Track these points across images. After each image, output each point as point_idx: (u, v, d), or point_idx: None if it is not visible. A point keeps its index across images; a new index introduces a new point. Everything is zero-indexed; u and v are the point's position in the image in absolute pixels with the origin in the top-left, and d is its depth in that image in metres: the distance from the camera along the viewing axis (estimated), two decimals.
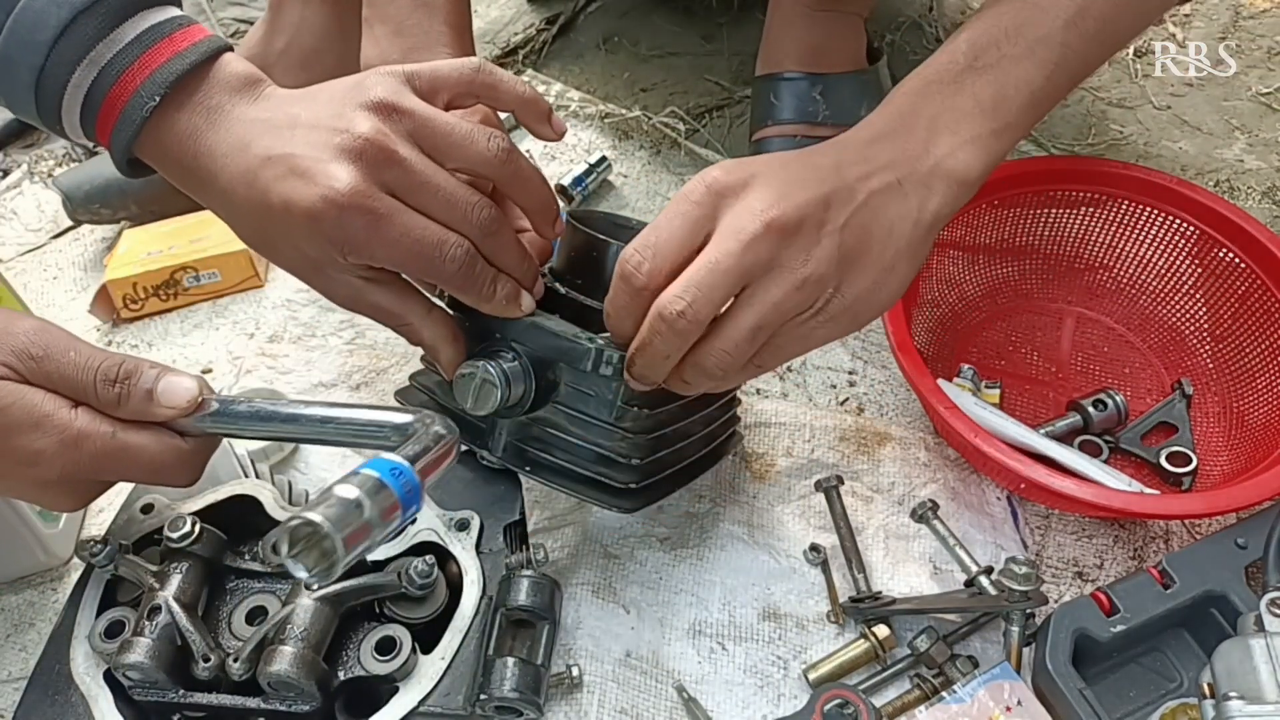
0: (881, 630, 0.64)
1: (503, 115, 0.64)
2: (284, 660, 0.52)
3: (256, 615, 0.58)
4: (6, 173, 1.08)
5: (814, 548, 0.70)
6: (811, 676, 0.64)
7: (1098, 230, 0.82)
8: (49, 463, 0.50)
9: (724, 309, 0.52)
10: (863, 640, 0.64)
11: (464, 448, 0.67)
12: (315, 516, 0.41)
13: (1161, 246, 0.80)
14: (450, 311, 0.60)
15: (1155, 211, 0.79)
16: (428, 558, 0.57)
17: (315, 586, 0.44)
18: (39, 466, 0.50)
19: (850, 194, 0.52)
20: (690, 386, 0.55)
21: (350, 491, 0.43)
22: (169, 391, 0.52)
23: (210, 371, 0.85)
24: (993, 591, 0.64)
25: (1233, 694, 0.54)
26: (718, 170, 0.51)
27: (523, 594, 0.59)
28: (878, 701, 0.62)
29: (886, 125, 0.55)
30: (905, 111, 0.56)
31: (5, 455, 0.49)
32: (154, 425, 0.53)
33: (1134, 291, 0.83)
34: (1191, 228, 0.78)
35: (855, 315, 0.53)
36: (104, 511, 0.76)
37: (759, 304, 0.50)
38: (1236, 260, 0.76)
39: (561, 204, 0.98)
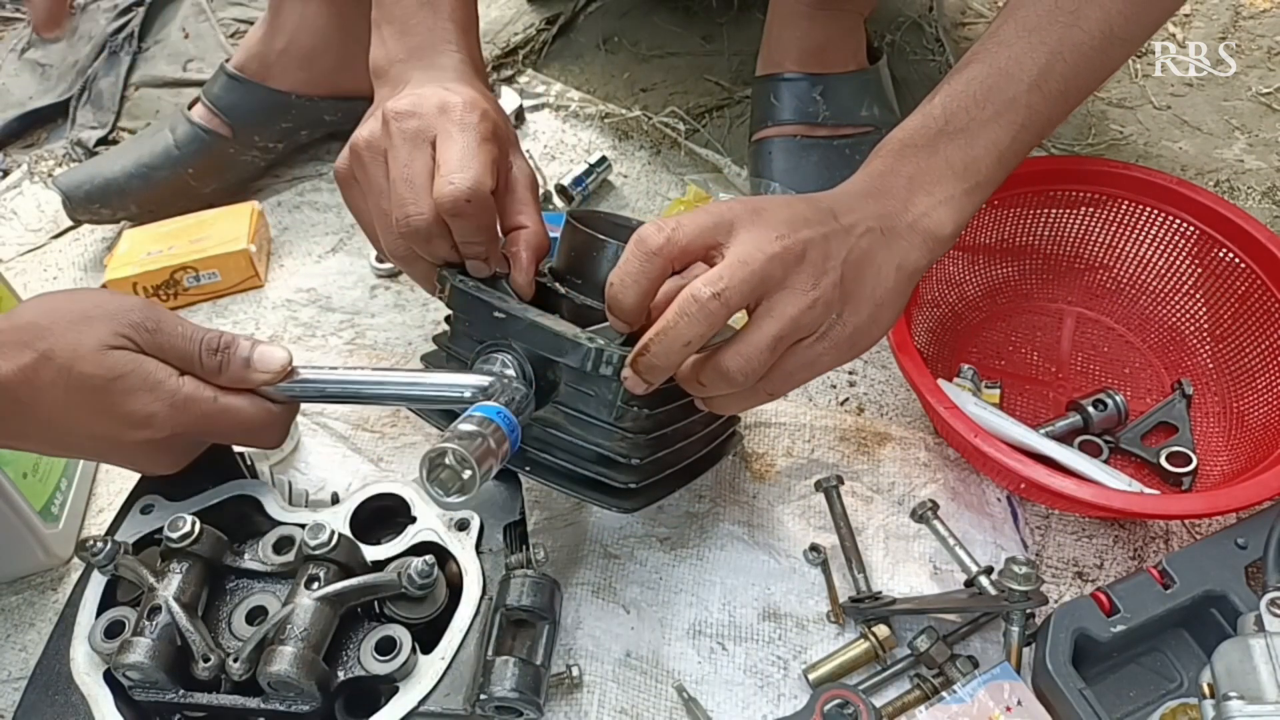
0: (881, 630, 0.64)
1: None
2: (284, 660, 0.52)
3: (256, 615, 0.58)
4: (6, 173, 1.09)
5: (814, 548, 0.70)
6: (811, 677, 0.64)
7: (1098, 230, 0.82)
8: (160, 424, 0.55)
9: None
10: (863, 640, 0.64)
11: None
12: (450, 445, 0.50)
13: (1161, 246, 0.80)
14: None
15: (1155, 211, 0.79)
16: (428, 558, 0.57)
17: (456, 504, 0.51)
18: (150, 428, 0.55)
19: (846, 235, 0.56)
20: (704, 389, 0.56)
21: (471, 426, 0.52)
22: (264, 359, 0.58)
23: None
24: (993, 591, 0.64)
25: (1233, 694, 0.54)
26: (733, 203, 0.55)
27: (523, 594, 0.59)
28: (878, 701, 0.62)
29: (870, 184, 0.59)
30: (885, 172, 0.60)
31: (122, 418, 0.55)
32: (248, 391, 0.59)
33: (1134, 291, 0.83)
34: (1191, 228, 0.78)
35: (853, 344, 0.57)
36: (104, 512, 0.76)
37: (778, 316, 0.53)
38: (1236, 260, 0.76)
39: (561, 204, 0.99)
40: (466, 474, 0.50)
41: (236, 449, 0.67)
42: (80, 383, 0.53)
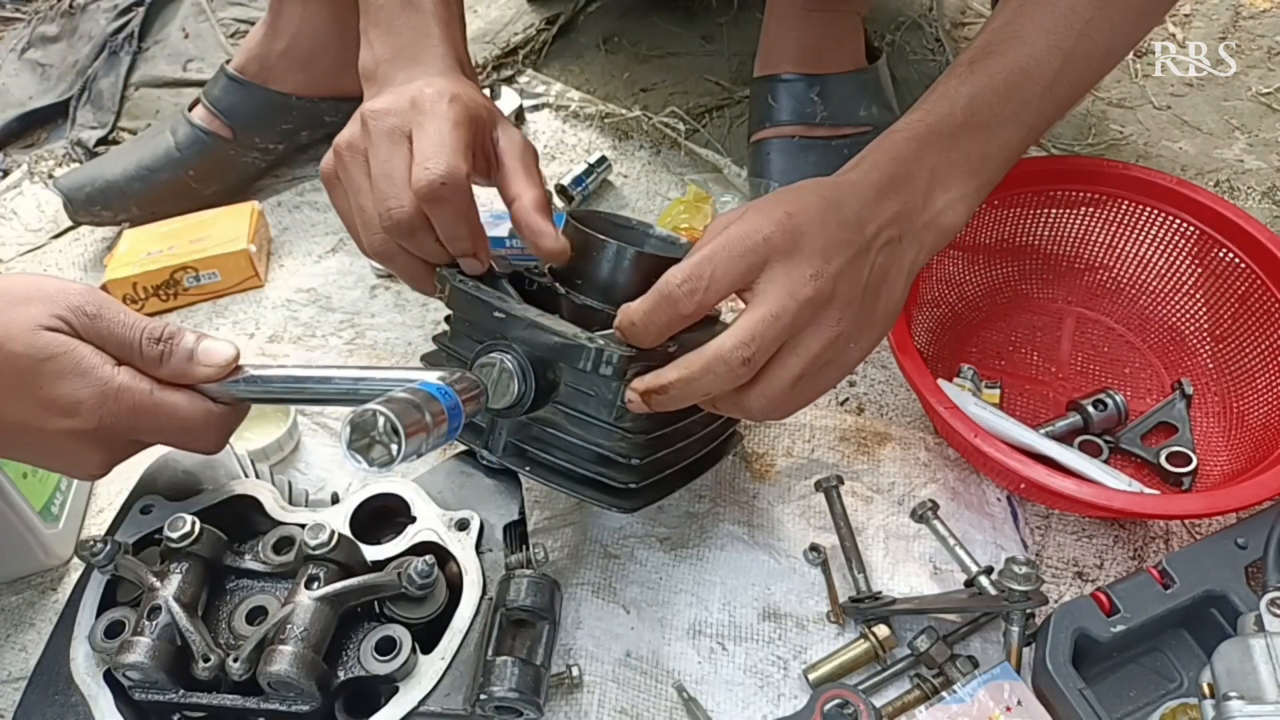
0: (881, 630, 0.64)
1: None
2: (284, 660, 0.52)
3: (256, 615, 0.58)
4: (6, 173, 1.09)
5: (814, 548, 0.70)
6: (811, 677, 0.64)
7: (1098, 230, 0.82)
8: (87, 413, 0.53)
9: None
10: (863, 640, 0.64)
11: (464, 447, 0.67)
12: (379, 408, 0.45)
13: (1161, 246, 0.80)
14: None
15: (1155, 211, 0.79)
16: (428, 558, 0.57)
17: (372, 472, 0.48)
18: (76, 417, 0.53)
19: (868, 255, 0.56)
20: (718, 411, 0.58)
21: (409, 397, 0.48)
22: (208, 353, 0.56)
23: None
24: (993, 591, 0.64)
25: (1233, 694, 0.54)
26: (769, 226, 0.53)
27: (523, 594, 0.59)
28: (878, 701, 0.62)
29: (894, 174, 0.58)
30: (909, 159, 0.59)
31: (47, 405, 0.52)
32: (189, 388, 0.56)
33: (1134, 291, 0.83)
34: (1191, 228, 0.78)
35: (859, 359, 0.58)
36: (104, 512, 0.76)
37: (803, 355, 0.54)
38: (1236, 260, 0.76)
39: (561, 204, 0.99)
40: (393, 446, 0.47)
41: (236, 450, 0.67)
42: (7, 363, 0.51)
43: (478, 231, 0.61)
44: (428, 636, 0.58)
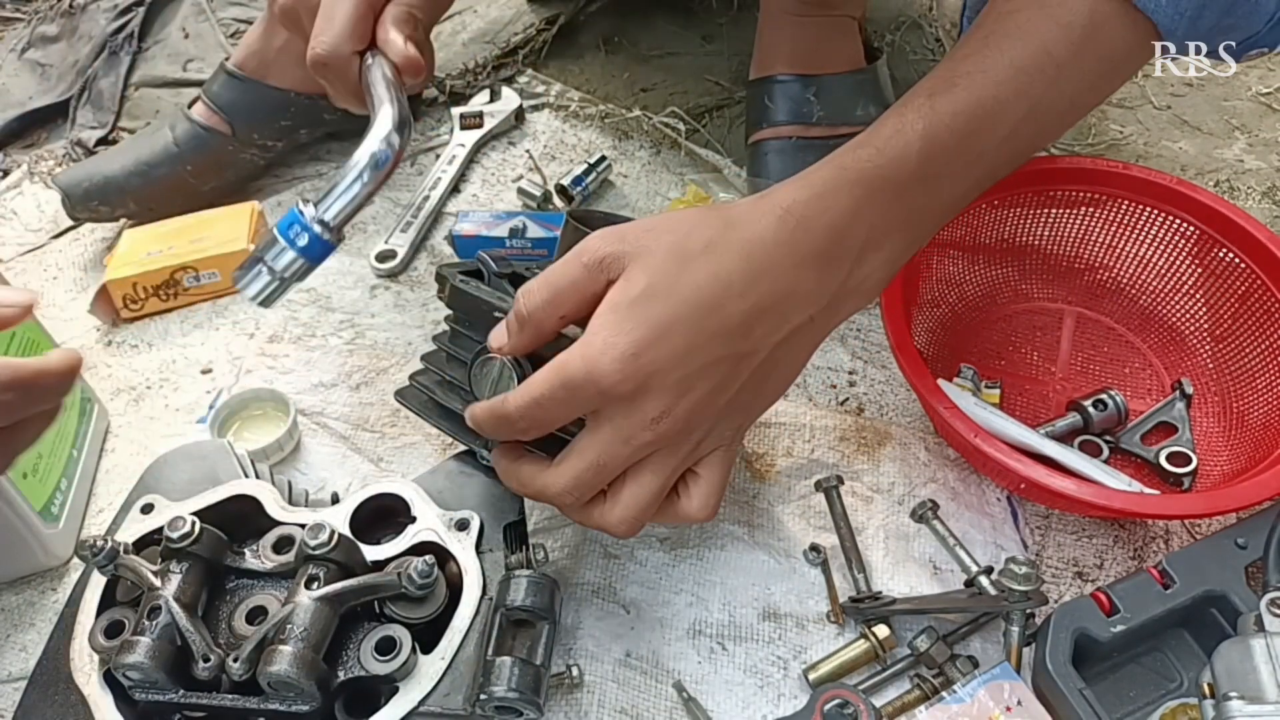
0: (881, 630, 0.64)
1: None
2: (284, 660, 0.52)
3: (256, 615, 0.58)
4: (6, 173, 1.08)
5: (814, 548, 0.70)
6: (811, 677, 0.64)
7: (1098, 230, 0.82)
8: None
9: None
10: (863, 640, 0.64)
11: (464, 447, 0.67)
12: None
13: (1161, 246, 0.80)
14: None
15: (1155, 211, 0.79)
16: (428, 558, 0.57)
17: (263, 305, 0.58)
18: None
19: (750, 359, 0.51)
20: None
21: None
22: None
23: (210, 371, 0.85)
24: (993, 591, 0.64)
25: (1233, 694, 0.54)
26: (614, 372, 0.48)
27: (523, 594, 0.59)
28: (878, 701, 0.62)
29: (825, 242, 0.51)
30: (849, 217, 0.51)
31: None
32: None
33: (1134, 291, 0.83)
34: (1191, 228, 0.78)
35: (743, 432, 0.56)
36: (104, 512, 0.76)
37: (658, 474, 0.52)
38: (1236, 260, 0.76)
39: (561, 204, 0.99)
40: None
41: (236, 450, 0.67)
42: None
43: (353, 88, 0.64)
44: (428, 636, 0.58)
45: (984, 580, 0.65)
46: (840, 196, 0.51)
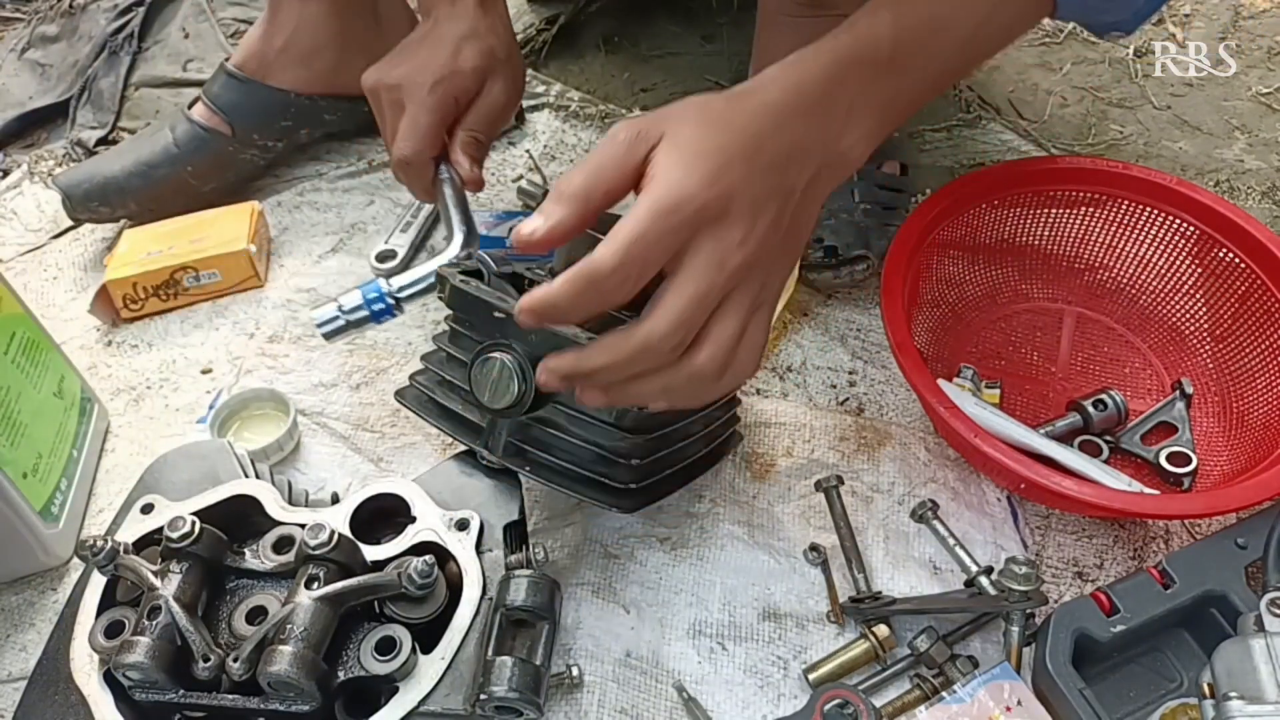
0: (881, 630, 0.64)
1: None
2: (284, 660, 0.52)
3: (256, 615, 0.58)
4: (6, 173, 1.08)
5: (814, 548, 0.70)
6: (811, 677, 0.64)
7: (1098, 230, 0.82)
8: None
9: None
10: (863, 640, 0.64)
11: (463, 447, 0.67)
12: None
13: (1161, 246, 0.80)
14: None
15: (1155, 211, 0.79)
16: (428, 558, 0.57)
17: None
18: None
19: (792, 201, 0.54)
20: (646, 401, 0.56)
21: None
22: None
23: (210, 371, 0.85)
24: (993, 591, 0.64)
25: (1233, 694, 0.54)
26: (701, 193, 0.50)
27: (522, 594, 0.59)
28: (878, 701, 0.62)
29: (814, 100, 0.56)
30: (830, 86, 0.56)
31: None
32: None
33: (1134, 291, 0.83)
34: (1191, 228, 0.78)
35: (778, 295, 0.58)
36: (104, 512, 0.76)
37: (738, 316, 0.53)
38: (1236, 260, 0.76)
39: None
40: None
41: (236, 450, 0.67)
42: None
43: (429, 184, 0.76)
44: (428, 636, 0.58)
45: (984, 580, 0.65)
46: (826, 67, 0.57)
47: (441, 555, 0.61)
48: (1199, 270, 0.79)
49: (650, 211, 0.49)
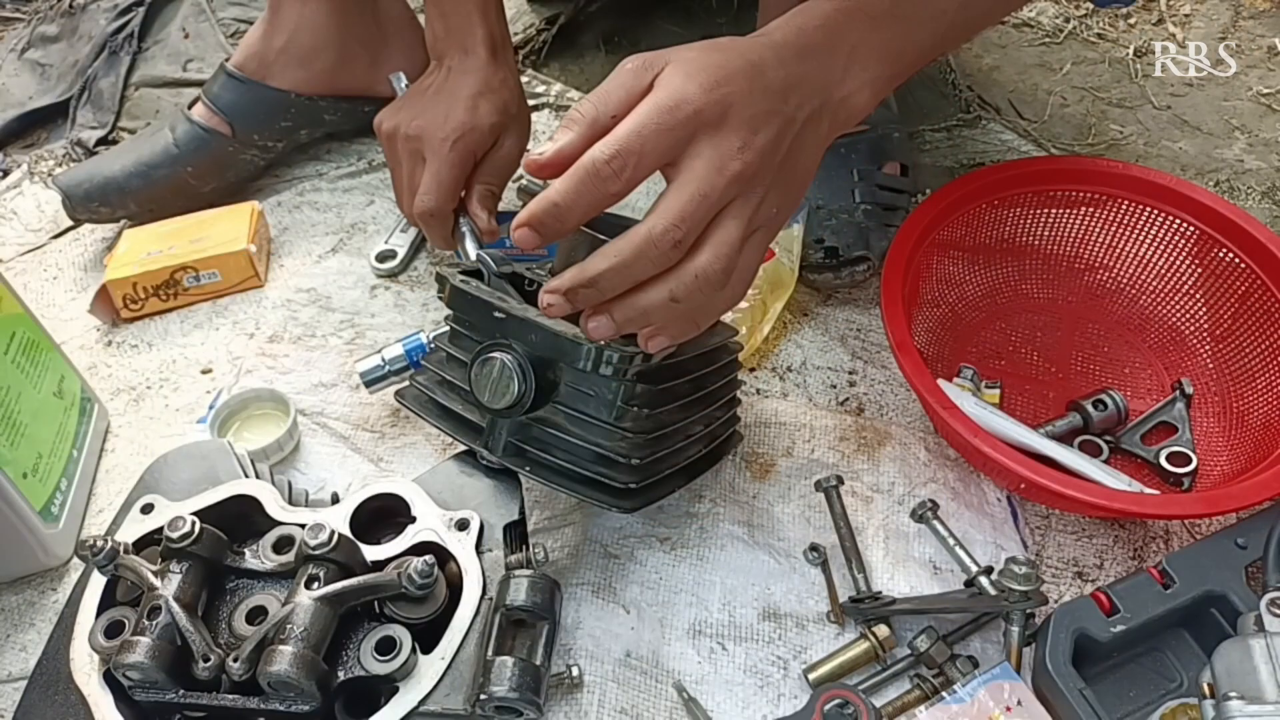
0: (881, 630, 0.64)
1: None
2: (284, 660, 0.52)
3: (256, 615, 0.58)
4: (6, 173, 1.08)
5: (814, 548, 0.70)
6: (811, 677, 0.64)
7: (1098, 230, 0.82)
8: None
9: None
10: (863, 640, 0.64)
11: (463, 447, 0.67)
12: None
13: (1161, 246, 0.80)
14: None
15: (1155, 211, 0.79)
16: (428, 558, 0.57)
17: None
18: None
19: (791, 126, 0.55)
20: (648, 321, 0.56)
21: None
22: None
23: (210, 371, 0.85)
24: (993, 591, 0.64)
25: (1233, 694, 0.54)
26: (699, 97, 0.51)
27: (522, 594, 0.59)
28: (878, 701, 0.62)
29: (817, 40, 0.57)
30: (833, 29, 0.58)
31: None
32: None
33: (1134, 291, 0.83)
34: (1191, 228, 0.78)
35: (780, 226, 0.59)
36: (104, 512, 0.76)
37: (736, 226, 0.53)
38: (1236, 260, 0.76)
39: None
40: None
41: (236, 449, 0.67)
42: None
43: (448, 235, 0.80)
44: (428, 636, 0.58)
45: (984, 580, 0.65)
46: (825, 16, 0.58)
47: (441, 555, 0.61)
48: (1199, 270, 0.79)
49: (649, 107, 0.51)
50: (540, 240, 0.53)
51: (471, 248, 0.78)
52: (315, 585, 0.56)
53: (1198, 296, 0.80)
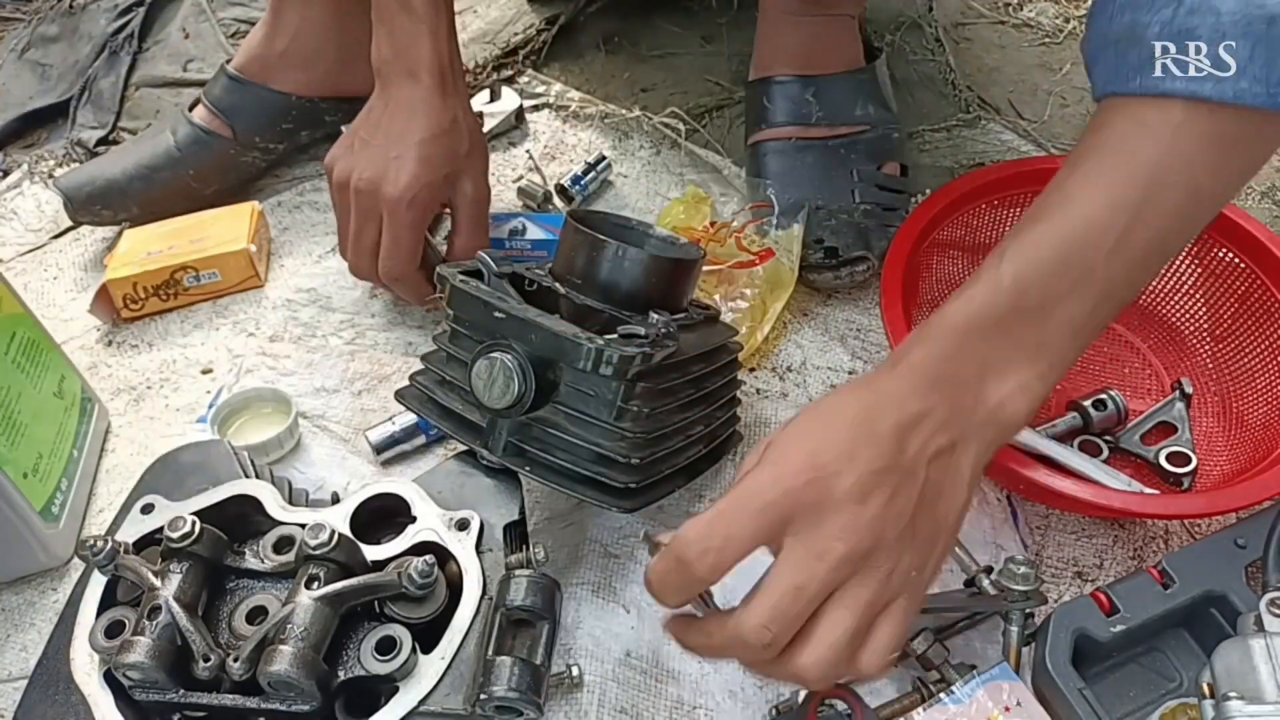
0: None
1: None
2: (284, 660, 0.52)
3: (256, 615, 0.58)
4: (7, 173, 1.08)
5: None
6: None
7: None
8: None
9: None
10: None
11: (464, 447, 0.67)
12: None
13: None
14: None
15: None
16: (428, 558, 0.57)
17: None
18: None
19: (915, 479, 0.50)
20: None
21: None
22: None
23: (210, 371, 0.85)
24: (992, 591, 0.64)
25: (1233, 694, 0.54)
26: (791, 476, 0.48)
27: (522, 594, 0.59)
28: (875, 701, 0.62)
29: (938, 370, 0.52)
30: (952, 355, 0.52)
31: None
32: None
33: None
34: None
35: (930, 583, 0.53)
36: (104, 512, 0.76)
37: (852, 609, 0.48)
38: (1236, 260, 0.76)
39: (561, 204, 0.99)
40: None
41: (236, 448, 0.67)
42: None
43: (424, 291, 0.82)
44: (428, 636, 0.58)
45: (984, 580, 0.65)
46: (940, 343, 0.53)
47: (441, 555, 0.61)
48: (1199, 270, 0.79)
49: (738, 491, 0.49)
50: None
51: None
52: (315, 585, 0.56)
53: (1197, 296, 0.80)
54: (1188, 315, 0.80)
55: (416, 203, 0.76)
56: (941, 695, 0.60)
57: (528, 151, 1.04)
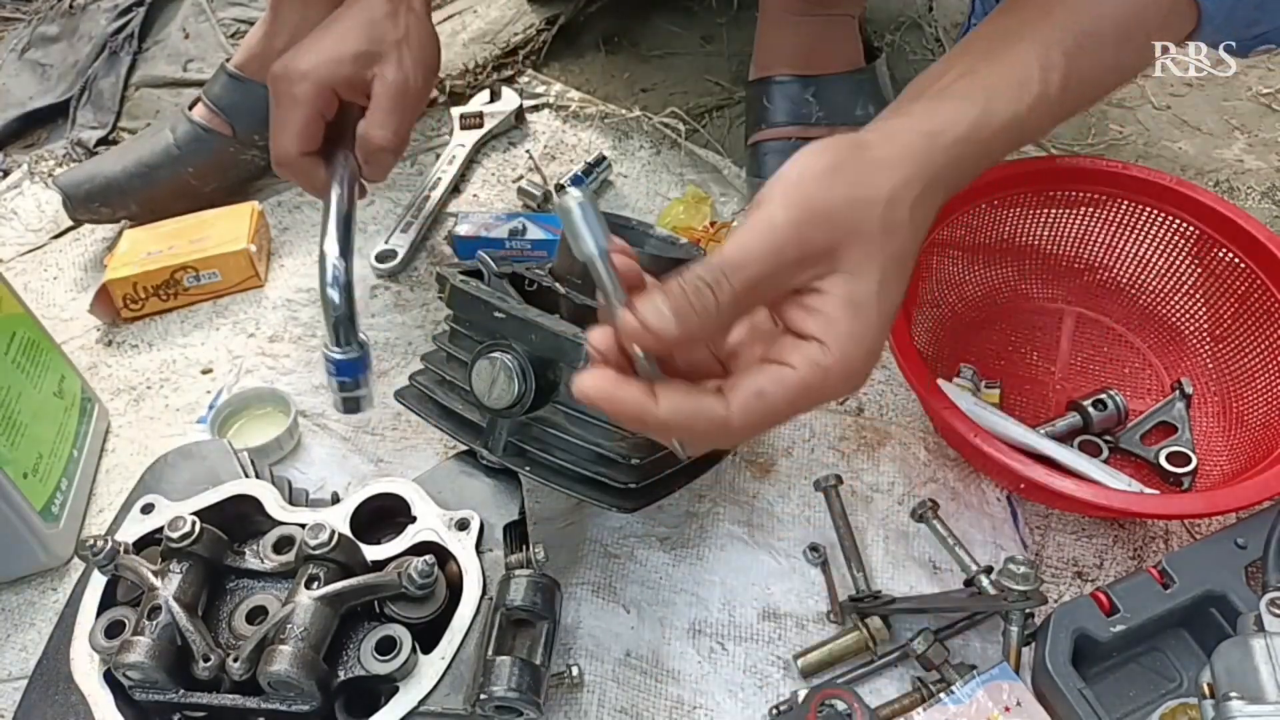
0: (874, 622, 0.64)
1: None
2: (284, 660, 0.52)
3: (256, 615, 0.58)
4: (7, 173, 1.08)
5: (814, 548, 0.70)
6: (801, 663, 0.64)
7: (1098, 230, 0.82)
8: None
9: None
10: (855, 630, 0.64)
11: (464, 447, 0.67)
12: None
13: (1161, 246, 0.80)
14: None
15: (1155, 211, 0.79)
16: (428, 558, 0.57)
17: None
18: None
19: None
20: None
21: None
22: None
23: (210, 371, 0.85)
24: (992, 591, 0.64)
25: (1233, 694, 0.54)
26: (863, 348, 0.47)
27: (522, 594, 0.59)
28: (875, 701, 0.62)
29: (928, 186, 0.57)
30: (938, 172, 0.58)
31: None
32: None
33: (1134, 291, 0.83)
34: (1191, 228, 0.78)
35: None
36: (104, 512, 0.76)
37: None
38: (1236, 260, 0.76)
39: None
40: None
41: (237, 451, 0.67)
42: None
43: (316, 180, 0.73)
44: (428, 636, 0.58)
45: (984, 580, 0.65)
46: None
47: (441, 555, 0.61)
48: (1199, 270, 0.79)
49: (795, 395, 0.46)
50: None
51: (334, 204, 0.70)
52: (315, 585, 0.56)
53: (1197, 296, 0.80)
54: (1188, 315, 0.80)
55: (309, 76, 0.71)
56: (941, 695, 0.60)
57: (528, 151, 1.04)
